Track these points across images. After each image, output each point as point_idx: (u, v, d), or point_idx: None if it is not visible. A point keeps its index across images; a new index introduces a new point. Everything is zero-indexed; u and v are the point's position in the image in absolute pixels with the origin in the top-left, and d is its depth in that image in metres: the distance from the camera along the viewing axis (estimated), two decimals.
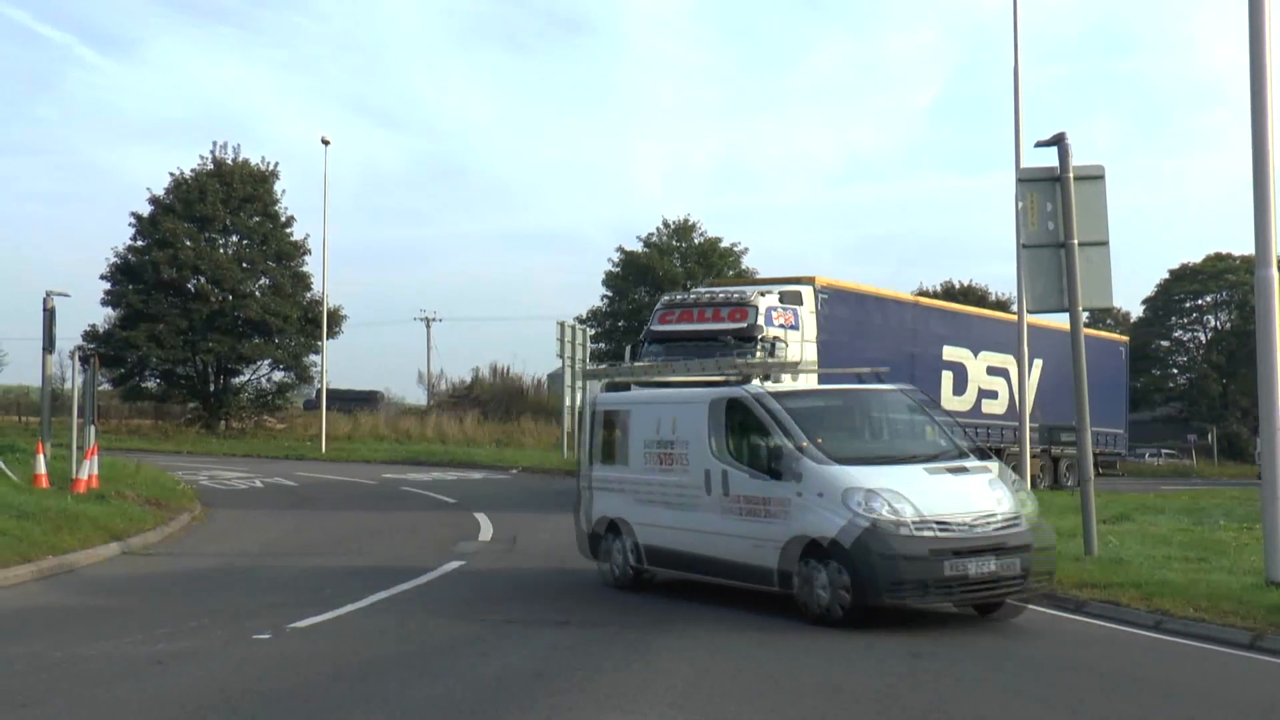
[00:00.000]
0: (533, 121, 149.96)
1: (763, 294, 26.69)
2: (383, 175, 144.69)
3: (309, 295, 60.01)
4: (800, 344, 26.44)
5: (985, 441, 31.07)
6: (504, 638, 12.20)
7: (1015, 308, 35.42)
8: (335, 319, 59.57)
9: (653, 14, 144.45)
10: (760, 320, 25.90)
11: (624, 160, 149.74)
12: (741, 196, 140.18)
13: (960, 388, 33.10)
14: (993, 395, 34.59)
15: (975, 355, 33.87)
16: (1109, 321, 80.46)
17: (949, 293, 78.89)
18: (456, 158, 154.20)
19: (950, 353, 33.03)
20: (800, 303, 27.22)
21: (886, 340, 30.38)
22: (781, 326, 26.24)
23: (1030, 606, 13.84)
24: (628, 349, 27.74)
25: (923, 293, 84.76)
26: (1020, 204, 18.04)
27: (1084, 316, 18.07)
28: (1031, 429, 32.93)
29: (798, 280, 28.71)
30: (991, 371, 34.38)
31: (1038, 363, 34.37)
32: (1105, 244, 17.24)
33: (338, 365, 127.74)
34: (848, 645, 11.76)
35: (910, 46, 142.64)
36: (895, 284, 36.57)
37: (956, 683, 10.20)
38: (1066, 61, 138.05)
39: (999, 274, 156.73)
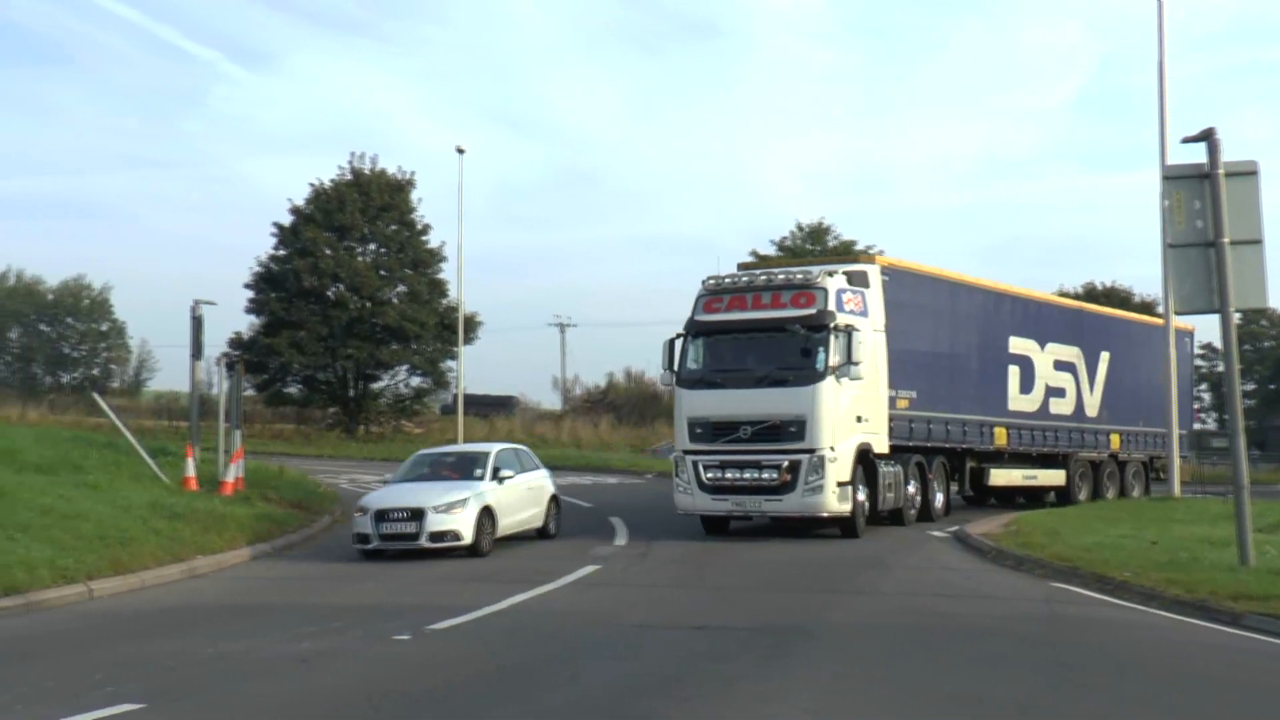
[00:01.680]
0: (664, 125, 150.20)
1: (830, 274, 22.45)
2: (516, 182, 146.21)
3: (445, 302, 60.73)
4: (870, 334, 22.59)
5: (1053, 447, 29.49)
6: (640, 642, 12.19)
7: (1161, 309, 34.31)
8: (471, 325, 60.21)
9: (784, 15, 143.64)
10: (831, 305, 21.86)
11: (756, 162, 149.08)
12: (875, 197, 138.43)
13: (1027, 385, 28.69)
14: (1060, 393, 30.03)
15: (1042, 347, 29.46)
16: (1263, 322, 77.87)
17: (1090, 294, 76.66)
18: (589, 163, 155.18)
19: (1016, 344, 28.49)
20: (866, 284, 23.26)
21: (951, 329, 26.50)
22: (852, 313, 22.35)
23: (1183, 619, 13.43)
24: (665, 346, 23.10)
25: (1063, 294, 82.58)
26: (1166, 202, 17.53)
27: (1236, 318, 17.44)
28: (1099, 430, 31.03)
29: (855, 257, 25.70)
30: (1059, 366, 30.06)
31: (1104, 355, 31.62)
32: (1259, 242, 16.62)
33: (474, 370, 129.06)
34: (991, 653, 11.52)
35: (1050, 41, 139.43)
36: (1034, 287, 32.59)
37: (1103, 696, 9.90)
38: (1214, 53, 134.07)
39: (1142, 275, 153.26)
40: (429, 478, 21.22)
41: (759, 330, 22.23)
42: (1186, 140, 17.16)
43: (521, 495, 21.59)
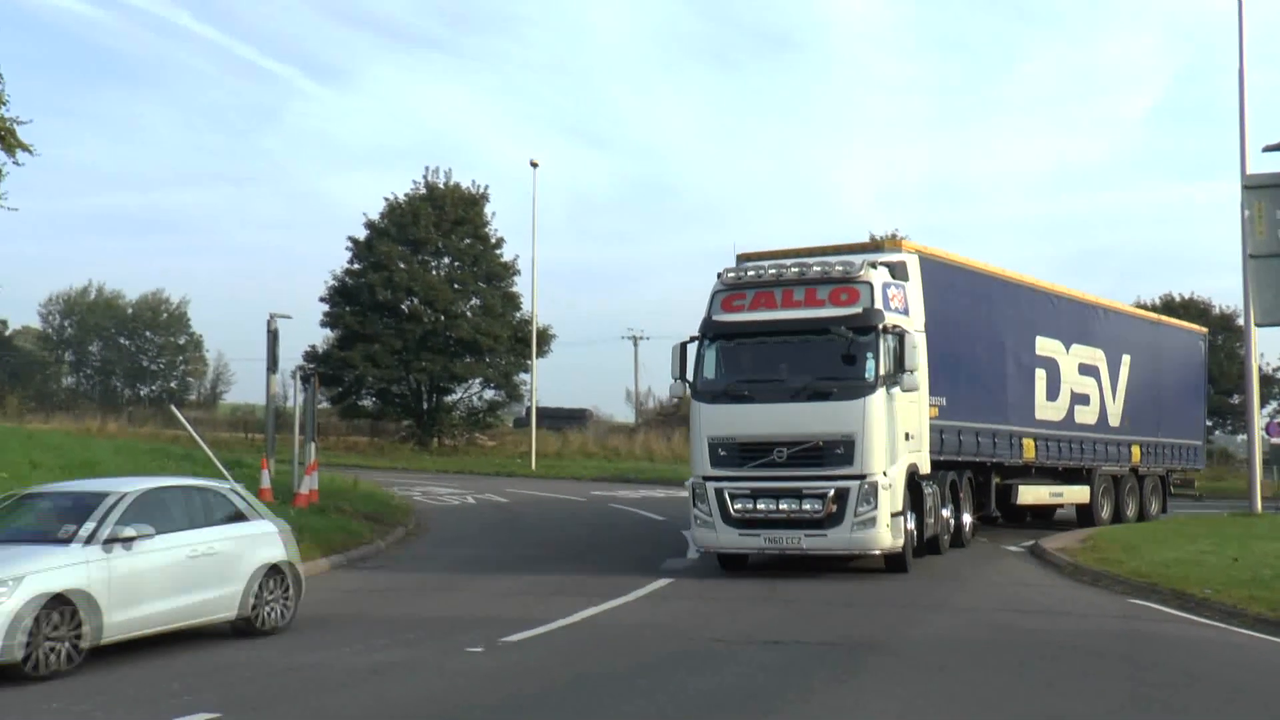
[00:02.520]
0: (740, 139, 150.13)
1: (873, 265, 19.12)
2: (591, 195, 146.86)
3: (519, 315, 61.08)
4: (913, 335, 19.04)
5: (1078, 461, 26.20)
6: (713, 656, 12.14)
7: (1241, 321, 33.64)
8: (544, 338, 60.53)
9: (860, 27, 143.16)
10: (878, 302, 18.63)
11: (831, 175, 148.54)
12: (952, 210, 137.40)
13: (1053, 391, 25.30)
14: (1084, 400, 26.58)
15: (1068, 349, 26.03)
16: None
17: (1168, 306, 75.60)
18: (664, 177, 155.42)
19: (1043, 345, 25.09)
20: (906, 277, 19.82)
21: (983, 327, 22.96)
22: (896, 311, 19.08)
23: (1266, 637, 13.15)
24: (674, 351, 19.63)
25: (1140, 306, 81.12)
26: (1246, 212, 17.18)
27: None
28: (1121, 442, 27.85)
29: (881, 245, 21.08)
30: (1083, 370, 26.70)
31: (1125, 359, 28.24)
32: None
33: (547, 383, 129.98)
34: (1069, 669, 11.35)
35: (1128, 51, 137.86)
36: (1112, 300, 30.42)
37: (1182, 716, 9.72)
38: None
39: (1221, 287, 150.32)
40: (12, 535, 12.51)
41: (792, 333, 18.94)
42: (1268, 149, 16.98)
43: (175, 569, 12.88)
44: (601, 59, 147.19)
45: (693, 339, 19.56)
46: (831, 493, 18.07)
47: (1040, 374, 24.81)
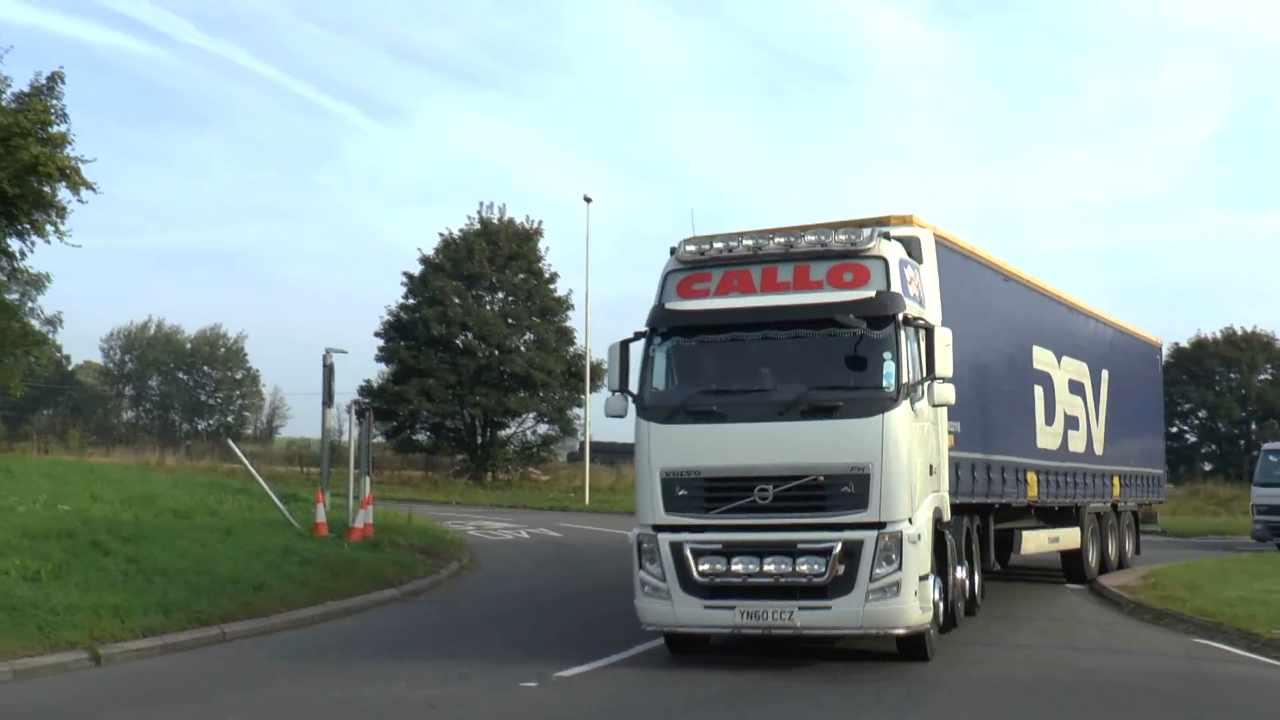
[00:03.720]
0: (791, 170, 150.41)
1: (886, 236, 14.07)
2: (642, 228, 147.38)
3: (572, 350, 61.27)
4: (943, 331, 14.05)
5: (1071, 498, 21.62)
6: (769, 691, 12.05)
7: None
8: (598, 372, 60.50)
9: (910, 59, 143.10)
10: (895, 284, 13.69)
11: (882, 206, 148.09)
12: (1005, 240, 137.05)
13: (1050, 413, 20.73)
14: (1075, 424, 22.09)
15: (1059, 362, 21.54)
16: None
17: (1229, 339, 74.68)
18: (716, 208, 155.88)
19: (1040, 357, 20.50)
20: (921, 259, 15.19)
21: (990, 333, 18.28)
22: (915, 299, 14.29)
23: None
24: (612, 352, 14.66)
25: (1200, 343, 79.24)
26: None
27: None
28: (1105, 473, 23.50)
29: (882, 220, 15.22)
30: (1073, 388, 22.21)
31: (1104, 374, 23.97)
32: None
33: (601, 418, 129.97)
34: (1130, 710, 11.15)
35: (1186, 79, 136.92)
36: (1171, 332, 28.41)
37: None
38: None
39: None
40: None
41: (779, 325, 13.86)
42: None
43: None
44: (653, 92, 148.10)
45: (638, 335, 14.50)
46: (839, 548, 12.95)
47: (1039, 392, 20.31)
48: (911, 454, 13.38)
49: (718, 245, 14.16)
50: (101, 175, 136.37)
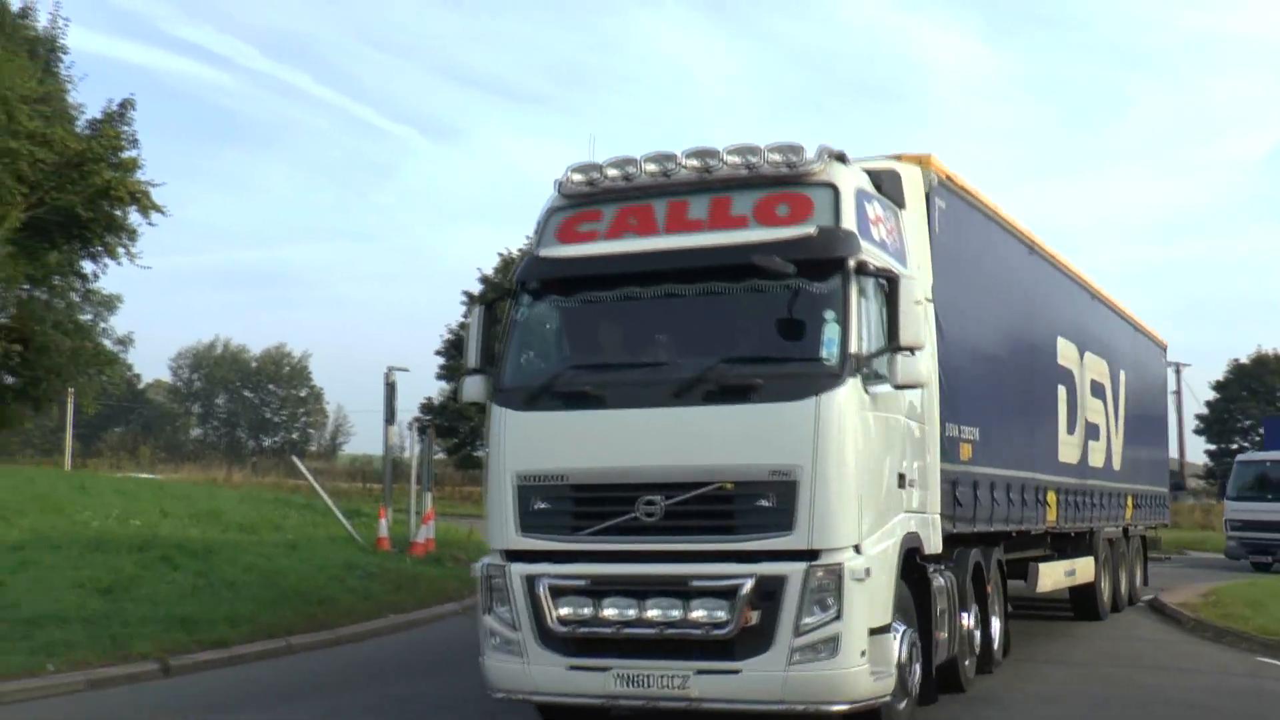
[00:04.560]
0: None
1: (838, 157, 10.42)
2: None
3: None
4: (910, 283, 10.22)
5: (1086, 522, 18.06)
6: None
7: None
8: None
9: (960, 78, 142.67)
10: (848, 219, 10.05)
11: None
12: None
13: (1072, 419, 17.35)
14: (1095, 433, 18.78)
15: (1082, 358, 18.20)
16: None
17: None
18: None
19: (1064, 351, 17.24)
20: (902, 202, 11.62)
21: (1011, 316, 15.05)
22: (882, 246, 10.65)
23: None
24: (474, 319, 11.07)
25: (1260, 359, 76.94)
26: None
27: None
28: (1119, 492, 20.18)
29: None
30: (1095, 390, 18.90)
31: (1122, 375, 20.83)
32: None
33: None
34: None
35: (1240, 92, 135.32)
36: (1226, 350, 24.50)
37: None
38: None
39: None
40: None
41: (684, 277, 10.17)
42: None
43: None
44: (707, 112, 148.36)
45: (503, 295, 11.18)
46: (750, 586, 9.23)
47: (1062, 394, 16.96)
48: (862, 453, 9.50)
49: (612, 173, 10.45)
50: (169, 198, 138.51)
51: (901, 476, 10.39)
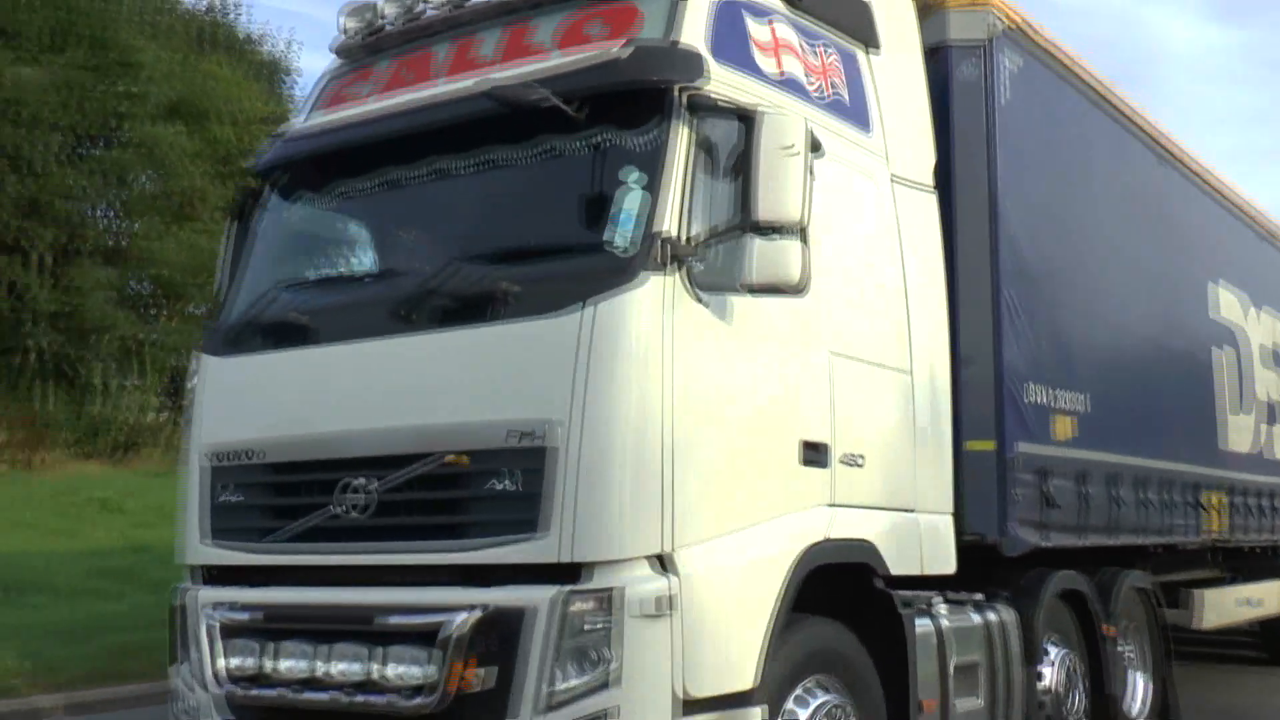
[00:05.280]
0: None
1: None
2: None
3: None
4: (795, 120, 5.45)
5: (1270, 530, 12.77)
6: None
7: None
8: None
9: (1194, 59, 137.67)
10: (693, 35, 5.74)
11: None
12: None
13: (1241, 394, 12.57)
14: (1275, 415, 13.72)
15: (1249, 314, 13.13)
16: None
17: None
18: None
19: (1224, 301, 12.34)
20: (870, 39, 7.05)
21: (1128, 241, 9.92)
22: (788, 87, 6.22)
23: None
24: (226, 231, 7.14)
25: None
26: None
27: None
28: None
29: None
30: (1272, 359, 13.87)
31: None
32: None
33: None
34: None
35: None
36: None
37: None
38: None
39: None
40: None
41: (443, 137, 6.17)
42: None
43: None
44: None
45: (245, 195, 7.26)
46: (458, 625, 5.23)
47: (1221, 359, 12.12)
48: (688, 398, 5.38)
49: (391, 10, 6.90)
50: None
51: (815, 446, 6.04)
